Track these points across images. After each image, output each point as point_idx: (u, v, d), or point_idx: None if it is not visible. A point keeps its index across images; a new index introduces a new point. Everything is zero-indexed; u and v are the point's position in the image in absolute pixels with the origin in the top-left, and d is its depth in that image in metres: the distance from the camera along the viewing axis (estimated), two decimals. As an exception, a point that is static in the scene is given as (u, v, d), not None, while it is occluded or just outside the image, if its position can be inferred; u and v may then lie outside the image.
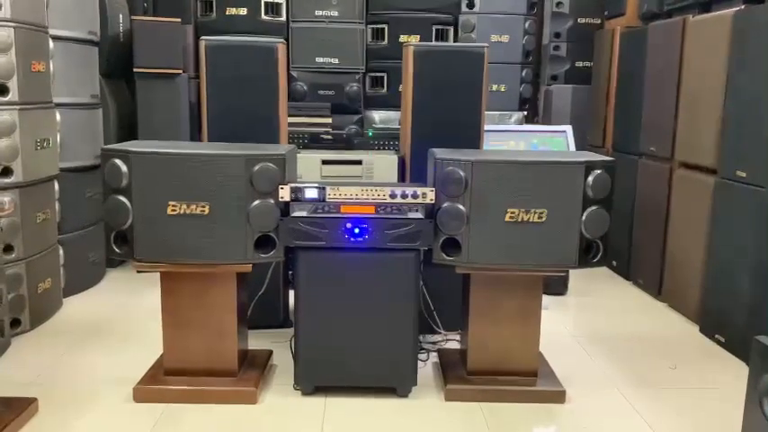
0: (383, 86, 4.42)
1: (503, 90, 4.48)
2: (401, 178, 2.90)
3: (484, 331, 2.36)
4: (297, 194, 2.17)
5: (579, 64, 4.61)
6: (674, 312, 3.32)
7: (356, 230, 2.18)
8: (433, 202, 2.18)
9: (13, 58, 2.68)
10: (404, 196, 2.18)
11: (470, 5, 4.44)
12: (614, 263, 3.94)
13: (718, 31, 2.97)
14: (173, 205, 2.13)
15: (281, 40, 2.75)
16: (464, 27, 4.42)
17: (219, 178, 2.13)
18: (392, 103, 4.25)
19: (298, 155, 2.77)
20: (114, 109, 3.74)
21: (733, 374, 2.58)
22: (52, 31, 3.04)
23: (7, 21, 2.66)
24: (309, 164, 3.01)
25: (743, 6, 2.89)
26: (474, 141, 2.72)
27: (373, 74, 4.41)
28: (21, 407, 2.10)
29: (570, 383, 2.40)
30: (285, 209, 2.17)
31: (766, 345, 1.68)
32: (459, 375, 2.39)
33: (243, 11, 4.22)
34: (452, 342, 2.74)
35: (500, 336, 2.36)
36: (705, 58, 3.09)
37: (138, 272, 2.22)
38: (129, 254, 2.17)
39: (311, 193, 2.18)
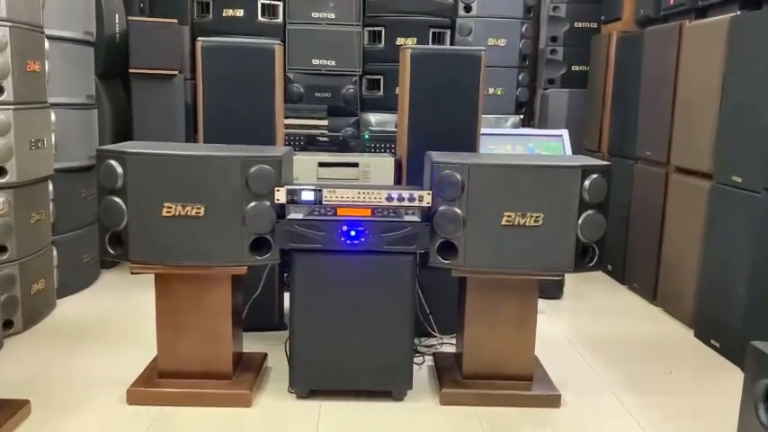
0: (380, 89, 4.42)
1: (499, 93, 4.48)
2: (397, 181, 2.90)
3: (479, 335, 2.35)
4: (293, 197, 2.16)
5: (576, 68, 4.61)
6: (668, 317, 3.33)
7: (352, 233, 2.17)
8: (429, 205, 2.18)
9: (8, 58, 2.67)
10: (400, 199, 2.18)
11: (467, 9, 4.44)
12: (609, 267, 3.94)
13: (714, 37, 2.98)
14: (168, 207, 2.12)
15: (278, 41, 2.75)
16: (461, 30, 4.42)
17: (215, 180, 2.12)
18: (389, 105, 4.25)
19: (294, 157, 2.77)
20: (110, 109, 3.73)
21: (728, 380, 2.59)
22: (48, 31, 3.03)
23: (3, 20, 2.65)
24: (306, 166, 3.00)
25: (738, 12, 2.90)
26: (470, 145, 2.72)
27: (370, 76, 4.41)
28: (13, 409, 2.08)
29: (565, 388, 2.40)
30: (281, 211, 2.16)
31: (761, 350, 1.69)
32: (455, 379, 2.39)
33: (239, 12, 4.21)
34: (448, 345, 2.73)
35: (496, 339, 2.35)
36: (701, 64, 3.10)
37: (133, 273, 2.21)
38: (124, 255, 2.16)
39: (307, 196, 2.17)
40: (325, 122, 3.93)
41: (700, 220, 3.05)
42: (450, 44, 4.40)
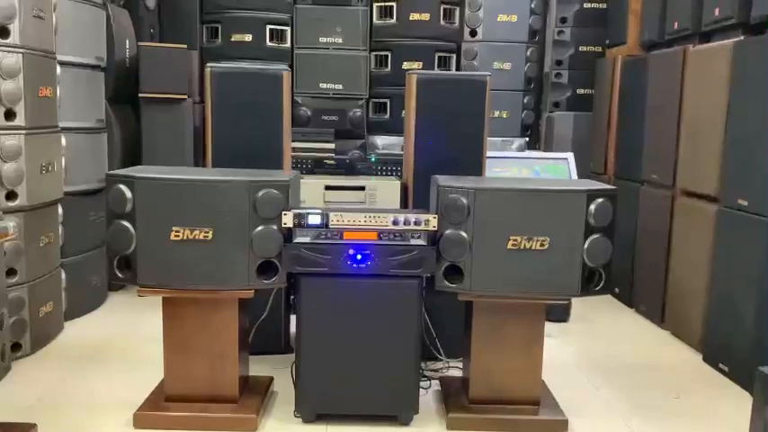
0: (386, 112, 4.45)
1: (505, 117, 4.51)
2: (404, 204, 2.91)
3: (486, 359, 2.35)
4: (300, 220, 2.18)
5: (581, 91, 4.64)
6: (677, 340, 3.31)
7: (359, 257, 2.18)
8: (435, 228, 2.19)
9: (20, 84, 2.71)
10: (406, 223, 2.19)
11: (473, 33, 4.49)
12: (617, 290, 3.93)
13: (718, 61, 3.00)
14: (176, 231, 2.14)
15: (286, 67, 2.78)
16: (466, 55, 4.46)
17: (223, 204, 2.14)
18: (395, 128, 4.28)
19: (301, 180, 2.79)
20: (119, 133, 3.77)
21: (737, 404, 2.56)
22: (60, 57, 3.08)
23: (16, 47, 2.70)
24: (313, 189, 3.02)
25: (742, 37, 2.92)
26: (476, 168, 2.73)
27: (376, 100, 4.45)
28: (20, 432, 2.09)
29: (573, 412, 2.38)
30: (288, 235, 2.18)
31: (770, 376, 1.68)
32: (461, 404, 2.38)
33: (248, 37, 4.27)
34: (455, 369, 2.72)
35: (502, 364, 2.35)
36: (706, 87, 3.11)
37: (140, 296, 2.21)
38: (132, 279, 2.18)
39: (314, 220, 2.18)
40: (332, 145, 3.96)
41: (707, 243, 3.04)
42: (456, 68, 4.44)
